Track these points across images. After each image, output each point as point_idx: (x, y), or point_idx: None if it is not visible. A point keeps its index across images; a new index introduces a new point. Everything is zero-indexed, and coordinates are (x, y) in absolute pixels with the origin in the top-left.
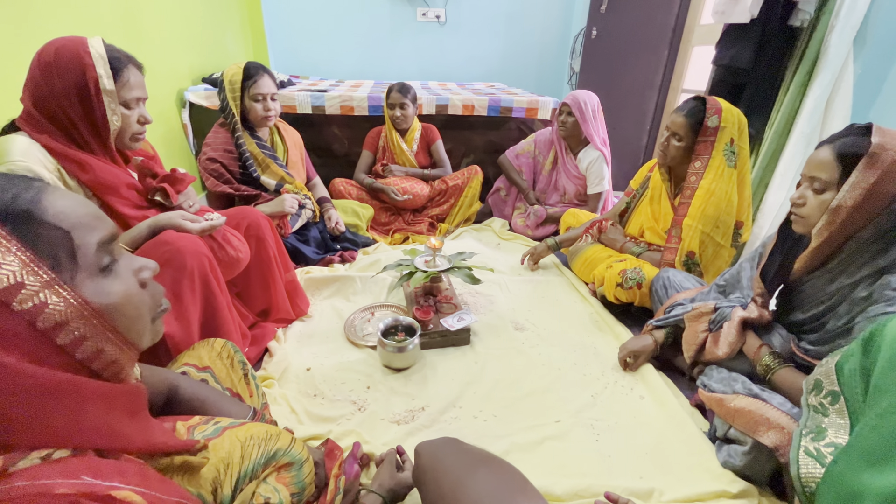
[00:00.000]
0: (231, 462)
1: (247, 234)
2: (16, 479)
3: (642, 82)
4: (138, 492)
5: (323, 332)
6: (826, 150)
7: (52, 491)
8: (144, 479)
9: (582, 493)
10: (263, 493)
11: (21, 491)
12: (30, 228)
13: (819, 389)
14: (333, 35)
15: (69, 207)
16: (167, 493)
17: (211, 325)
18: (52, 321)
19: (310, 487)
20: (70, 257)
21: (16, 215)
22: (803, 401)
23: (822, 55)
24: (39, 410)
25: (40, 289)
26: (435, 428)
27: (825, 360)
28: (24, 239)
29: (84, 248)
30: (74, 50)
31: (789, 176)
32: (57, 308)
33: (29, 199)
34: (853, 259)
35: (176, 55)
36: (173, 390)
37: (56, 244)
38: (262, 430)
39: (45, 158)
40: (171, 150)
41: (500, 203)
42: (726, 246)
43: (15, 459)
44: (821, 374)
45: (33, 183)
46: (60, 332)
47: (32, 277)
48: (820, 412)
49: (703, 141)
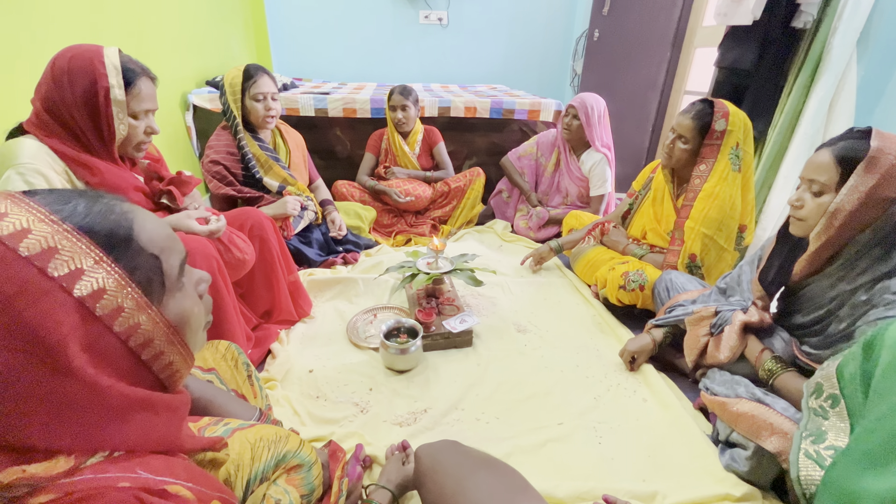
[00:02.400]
0: (242, 463)
1: (250, 235)
2: (85, 473)
3: (644, 84)
4: (187, 487)
5: (326, 333)
6: (825, 152)
7: (114, 484)
8: (191, 474)
9: (584, 496)
10: (274, 494)
11: (89, 483)
12: (129, 255)
13: (819, 393)
14: (336, 38)
15: (156, 231)
16: (210, 487)
17: (217, 325)
18: (141, 340)
19: (318, 489)
20: (160, 282)
21: (118, 242)
22: (804, 404)
23: (825, 57)
24: (121, 424)
25: (135, 312)
26: (437, 430)
27: (826, 364)
28: (125, 265)
29: (169, 272)
30: (89, 58)
31: (792, 178)
32: (146, 328)
33: (128, 225)
34: (853, 264)
35: (180, 58)
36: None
37: (150, 269)
38: (271, 431)
39: (54, 161)
40: (176, 153)
41: (503, 205)
42: (729, 249)
43: (85, 458)
44: (821, 378)
45: (124, 205)
46: (146, 349)
47: (130, 301)
48: (820, 415)
49: (710, 144)
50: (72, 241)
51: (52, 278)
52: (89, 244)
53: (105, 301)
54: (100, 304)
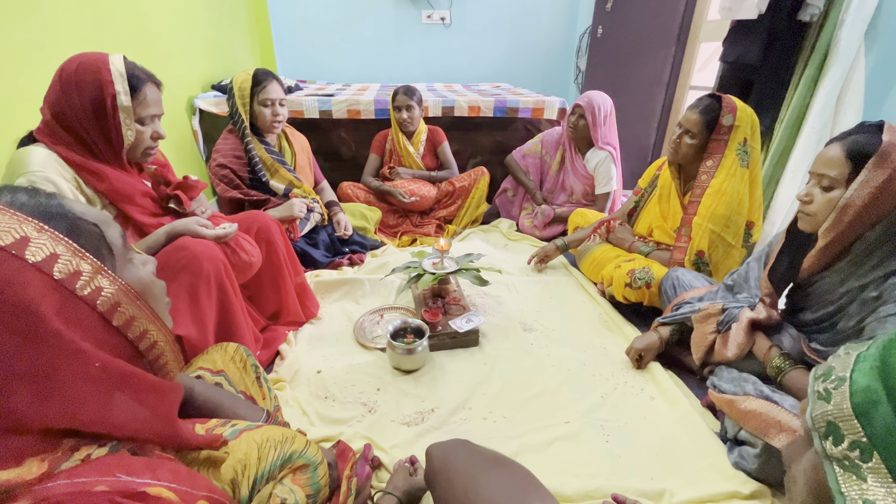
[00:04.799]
0: (248, 463)
1: (257, 238)
2: (60, 478)
3: (649, 80)
4: (170, 487)
5: (333, 334)
6: (836, 147)
7: (90, 489)
8: (175, 475)
9: (592, 494)
10: (280, 494)
11: (63, 489)
12: (70, 225)
13: (838, 438)
14: (340, 39)
15: (86, 208)
16: (196, 487)
17: (226, 328)
18: (108, 304)
19: (324, 489)
20: (107, 248)
21: (54, 215)
22: (818, 447)
23: (833, 50)
24: (105, 400)
25: (93, 275)
26: (445, 429)
27: (824, 389)
28: (68, 233)
29: (113, 241)
30: (95, 66)
31: (800, 173)
32: (109, 291)
33: (57, 203)
34: (863, 260)
35: (186, 63)
36: (189, 394)
37: (94, 236)
38: (277, 432)
39: (63, 169)
40: (183, 157)
41: (508, 204)
42: (737, 246)
43: (59, 462)
44: (833, 416)
45: (47, 192)
46: (115, 313)
47: (86, 265)
48: (851, 471)
49: (717, 139)
50: (8, 215)
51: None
52: (25, 217)
53: (61, 265)
54: (56, 268)
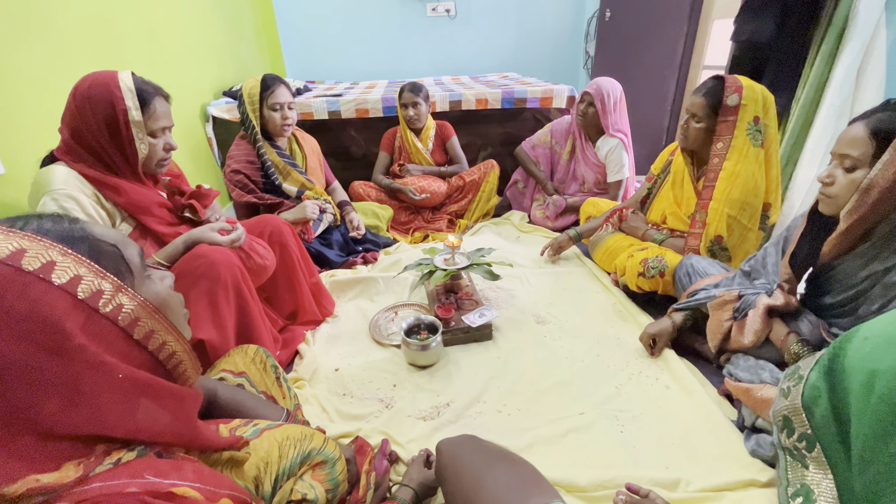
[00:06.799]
0: (270, 461)
1: (270, 242)
2: (95, 481)
3: (661, 61)
4: (195, 487)
5: (349, 332)
6: (859, 126)
7: (123, 490)
8: (199, 475)
9: (606, 484)
10: (300, 489)
11: (98, 491)
12: (91, 247)
13: (790, 429)
14: (345, 38)
15: (105, 230)
16: (219, 486)
17: (245, 330)
18: (129, 319)
19: (343, 484)
20: (126, 267)
21: (76, 238)
22: (775, 439)
23: (851, 22)
24: (128, 407)
25: (114, 293)
26: (460, 423)
27: (787, 385)
28: (90, 255)
29: (132, 260)
30: (105, 84)
31: (819, 152)
32: (129, 307)
33: (79, 227)
34: (887, 243)
35: (198, 71)
36: (212, 396)
37: (114, 257)
38: (297, 430)
39: (83, 185)
40: (199, 164)
41: (519, 196)
42: (754, 229)
43: (93, 466)
44: (788, 410)
45: (70, 217)
46: (135, 327)
47: (107, 284)
48: (798, 460)
49: (724, 121)
50: (35, 241)
51: (27, 272)
52: (51, 242)
53: (84, 285)
54: (80, 288)
